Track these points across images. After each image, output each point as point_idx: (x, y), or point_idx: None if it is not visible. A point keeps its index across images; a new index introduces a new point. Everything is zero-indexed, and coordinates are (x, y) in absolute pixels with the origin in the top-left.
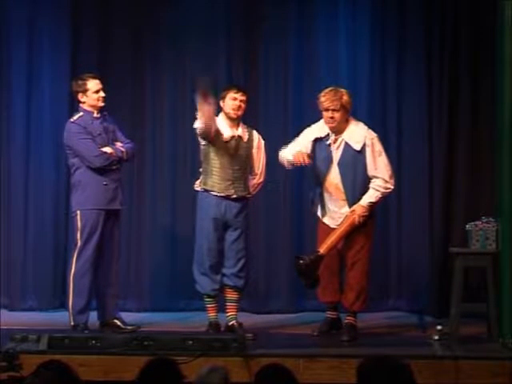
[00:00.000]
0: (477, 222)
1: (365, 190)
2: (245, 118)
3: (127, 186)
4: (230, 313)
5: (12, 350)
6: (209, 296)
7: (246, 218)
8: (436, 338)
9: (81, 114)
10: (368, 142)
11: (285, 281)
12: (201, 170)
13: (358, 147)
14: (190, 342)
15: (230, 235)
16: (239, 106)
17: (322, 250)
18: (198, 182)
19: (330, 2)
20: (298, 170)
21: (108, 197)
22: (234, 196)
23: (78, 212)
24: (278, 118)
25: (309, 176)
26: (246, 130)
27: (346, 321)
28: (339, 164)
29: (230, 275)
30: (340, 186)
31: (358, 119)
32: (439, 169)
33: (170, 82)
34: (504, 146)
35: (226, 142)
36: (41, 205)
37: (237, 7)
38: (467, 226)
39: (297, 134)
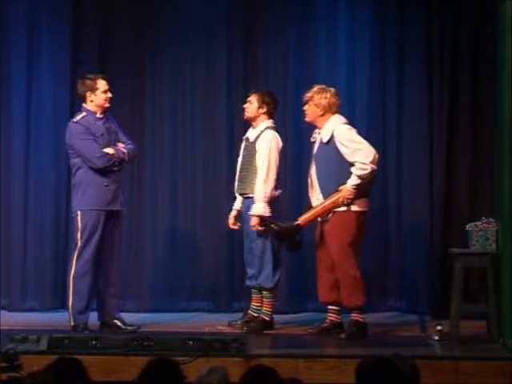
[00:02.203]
0: (477, 223)
1: (339, 181)
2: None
3: (127, 187)
4: (262, 307)
5: (12, 350)
6: (248, 288)
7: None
8: (436, 338)
9: (84, 114)
10: (336, 134)
11: (285, 281)
12: None
13: (325, 139)
14: (191, 343)
15: (245, 233)
16: (243, 108)
17: (301, 220)
18: None
19: (330, 2)
20: (297, 170)
21: (109, 198)
22: (236, 194)
23: (79, 212)
24: (278, 117)
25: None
26: (260, 130)
27: (350, 318)
28: (314, 157)
29: (253, 275)
30: (315, 178)
31: (357, 116)
32: (439, 169)
33: (169, 81)
34: (504, 146)
35: (243, 144)
36: (41, 205)
37: (237, 7)
38: (467, 226)
39: (296, 133)
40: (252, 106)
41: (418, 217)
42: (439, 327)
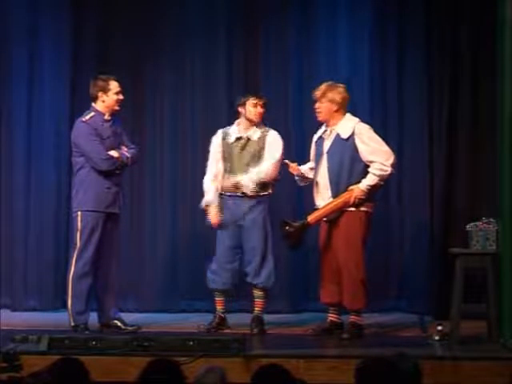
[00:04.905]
0: (477, 223)
1: (350, 179)
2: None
3: (127, 187)
4: (255, 307)
5: (12, 350)
6: (218, 291)
7: (262, 216)
8: (436, 338)
9: (92, 114)
10: (357, 131)
11: (285, 281)
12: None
13: (345, 136)
14: (191, 343)
15: (245, 233)
16: (260, 112)
17: (311, 218)
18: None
19: (330, 2)
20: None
21: (108, 200)
22: (239, 194)
23: (79, 213)
24: (279, 116)
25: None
26: (261, 130)
27: (349, 320)
28: (328, 152)
29: (248, 273)
30: (326, 173)
31: (357, 116)
32: (439, 169)
33: (170, 83)
34: (504, 146)
35: (232, 143)
36: (42, 205)
37: (237, 7)
38: (468, 226)
39: (297, 133)
40: (263, 110)
41: (418, 217)
42: (439, 327)
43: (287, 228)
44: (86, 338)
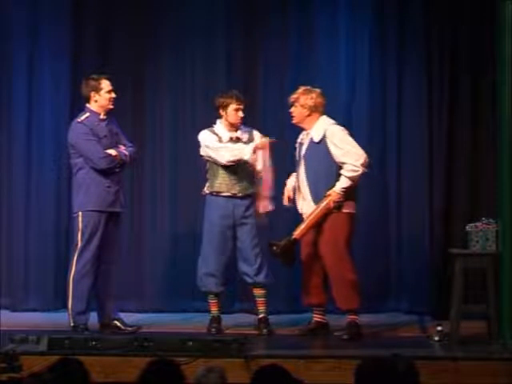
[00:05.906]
0: (477, 223)
1: (328, 182)
2: (245, 118)
3: (127, 188)
4: (259, 308)
5: (12, 351)
6: (212, 294)
7: (253, 213)
8: (436, 338)
9: (87, 114)
10: (328, 134)
11: (285, 282)
12: (208, 175)
13: (316, 139)
14: (190, 343)
15: (243, 234)
16: (242, 117)
17: (296, 234)
18: (206, 187)
19: (330, 2)
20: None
21: (109, 199)
22: (240, 194)
23: (80, 213)
24: (278, 118)
25: None
26: (245, 130)
27: (347, 320)
28: (304, 157)
29: (250, 274)
30: (305, 178)
31: (357, 117)
32: (439, 169)
33: (170, 83)
34: (504, 146)
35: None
36: (42, 205)
37: (237, 7)
38: (467, 226)
39: (296, 134)
40: (243, 115)
41: (418, 217)
42: (439, 328)
43: (274, 248)
44: (85, 338)
